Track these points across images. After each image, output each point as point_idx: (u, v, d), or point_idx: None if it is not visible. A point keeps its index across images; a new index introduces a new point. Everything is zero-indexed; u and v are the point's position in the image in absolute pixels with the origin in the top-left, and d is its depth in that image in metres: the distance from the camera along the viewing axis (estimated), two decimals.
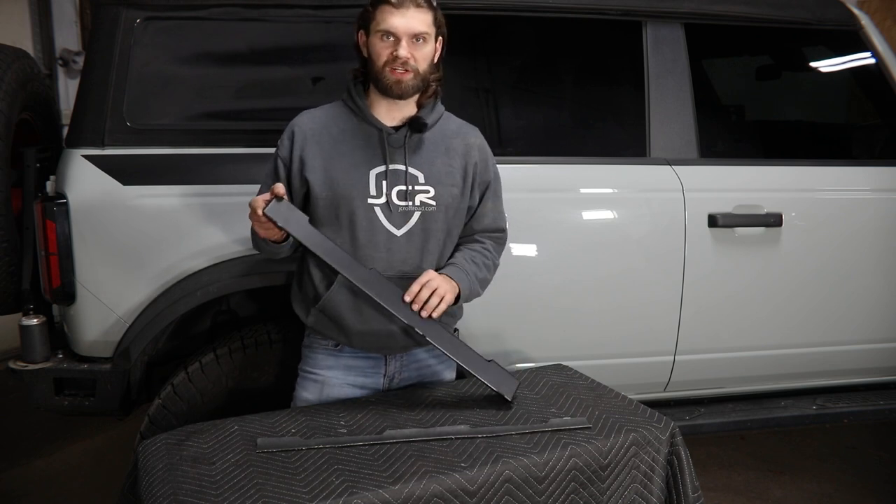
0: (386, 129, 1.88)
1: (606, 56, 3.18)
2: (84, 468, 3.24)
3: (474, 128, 2.01)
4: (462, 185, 1.92)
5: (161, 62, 2.24)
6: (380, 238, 1.85)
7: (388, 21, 1.78)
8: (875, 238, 2.67)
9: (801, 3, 2.71)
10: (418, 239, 1.87)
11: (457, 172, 1.91)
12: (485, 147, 1.99)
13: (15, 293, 2.35)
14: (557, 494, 1.62)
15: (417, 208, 1.87)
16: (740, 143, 3.69)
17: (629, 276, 2.48)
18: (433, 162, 1.90)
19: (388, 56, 1.80)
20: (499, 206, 2.03)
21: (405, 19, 1.78)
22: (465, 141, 1.95)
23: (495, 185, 2.01)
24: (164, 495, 1.48)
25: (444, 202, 1.89)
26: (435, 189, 1.88)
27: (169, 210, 2.18)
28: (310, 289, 1.92)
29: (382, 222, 1.85)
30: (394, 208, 1.85)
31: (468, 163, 1.93)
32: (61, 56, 5.31)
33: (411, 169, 1.87)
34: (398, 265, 1.86)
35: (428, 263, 1.89)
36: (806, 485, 3.18)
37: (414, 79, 1.82)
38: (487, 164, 1.99)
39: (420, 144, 1.90)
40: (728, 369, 2.67)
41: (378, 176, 1.86)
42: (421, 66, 1.83)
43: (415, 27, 1.79)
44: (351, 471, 1.54)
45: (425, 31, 1.81)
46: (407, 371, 1.99)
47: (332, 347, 1.94)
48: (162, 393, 2.19)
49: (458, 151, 1.93)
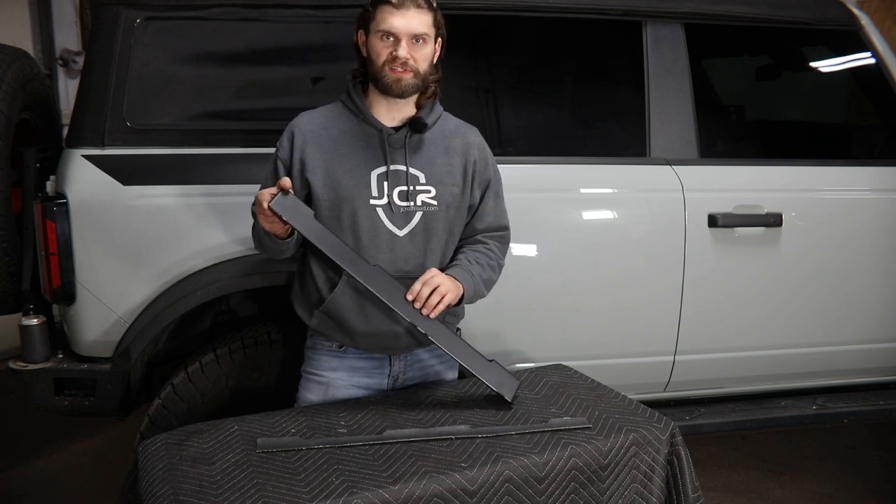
0: (386, 130, 1.88)
1: (606, 56, 3.18)
2: (84, 468, 3.24)
3: (473, 127, 2.01)
4: (462, 184, 1.92)
5: (161, 62, 2.24)
6: (382, 239, 1.85)
7: (389, 21, 1.79)
8: (875, 238, 2.67)
9: (801, 3, 2.71)
10: (421, 239, 1.88)
11: (457, 171, 1.92)
12: (484, 146, 2.00)
13: (15, 293, 2.35)
14: (557, 494, 1.62)
15: (419, 208, 1.87)
16: (740, 143, 3.69)
17: (629, 276, 2.48)
18: (434, 162, 1.90)
19: (387, 56, 1.80)
20: (500, 204, 2.03)
21: (405, 20, 1.78)
22: (465, 140, 1.96)
23: (496, 183, 2.01)
24: (164, 495, 1.48)
25: (446, 202, 1.89)
26: (436, 189, 1.88)
27: (169, 210, 2.18)
28: (313, 291, 1.92)
29: (385, 223, 1.85)
30: (395, 209, 1.86)
31: (468, 161, 1.94)
32: (61, 56, 5.31)
33: (412, 169, 1.88)
34: (401, 265, 1.86)
35: (431, 263, 1.89)
36: (806, 485, 3.18)
37: (414, 78, 1.82)
38: (487, 162, 1.99)
39: (420, 144, 1.90)
40: (728, 369, 2.67)
41: (379, 177, 1.86)
42: (421, 67, 1.83)
43: (415, 28, 1.79)
44: (351, 471, 1.54)
45: (425, 31, 1.81)
46: (411, 371, 1.99)
47: (336, 349, 1.95)
48: (162, 393, 2.19)
49: (458, 150, 1.93)
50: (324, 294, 1.89)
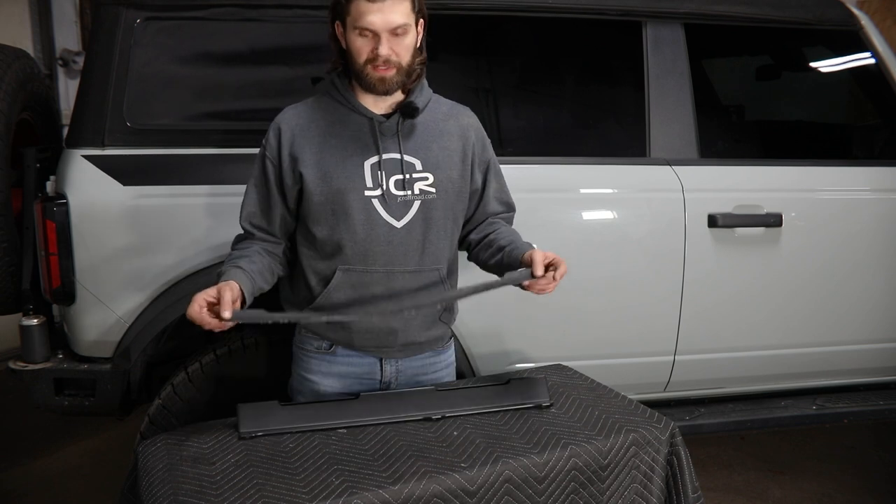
0: (376, 118, 1.80)
1: (606, 56, 3.18)
2: (84, 468, 3.24)
3: (466, 108, 1.94)
4: (461, 168, 1.86)
5: (161, 62, 2.24)
6: (379, 231, 1.79)
7: (365, 18, 1.68)
8: (875, 238, 2.67)
9: (801, 3, 2.71)
10: (419, 229, 1.82)
11: (455, 155, 1.85)
12: (479, 126, 1.93)
13: (15, 293, 2.35)
14: (557, 494, 1.62)
15: (417, 197, 1.80)
16: (740, 143, 3.70)
17: (629, 276, 2.48)
18: (429, 147, 1.83)
19: (368, 54, 1.72)
20: (502, 182, 1.98)
21: (382, 14, 1.68)
22: (459, 122, 1.89)
23: (494, 163, 1.96)
24: (164, 495, 1.47)
25: (444, 187, 1.83)
26: (434, 175, 1.82)
27: (169, 210, 2.18)
28: (303, 289, 1.88)
29: (381, 215, 1.79)
30: (391, 199, 1.79)
31: (466, 145, 1.87)
32: (61, 56, 5.31)
33: (407, 156, 1.80)
34: (399, 259, 1.81)
35: (429, 254, 1.84)
36: (806, 485, 3.18)
37: (398, 74, 1.74)
38: (485, 143, 1.93)
39: (413, 130, 1.83)
40: (728, 369, 2.68)
41: (373, 166, 1.78)
42: (404, 59, 1.74)
43: (394, 21, 1.69)
44: (351, 471, 1.54)
45: (405, 22, 1.71)
46: (403, 377, 1.93)
47: (325, 350, 1.90)
48: (162, 393, 2.19)
49: (454, 134, 1.87)
50: (316, 292, 1.84)
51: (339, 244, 1.80)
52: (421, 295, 1.84)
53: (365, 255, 1.80)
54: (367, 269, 1.81)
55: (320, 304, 1.83)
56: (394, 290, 1.83)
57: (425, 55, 1.84)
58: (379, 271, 1.82)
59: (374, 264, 1.81)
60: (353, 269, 1.81)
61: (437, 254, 1.86)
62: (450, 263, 1.92)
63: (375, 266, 1.81)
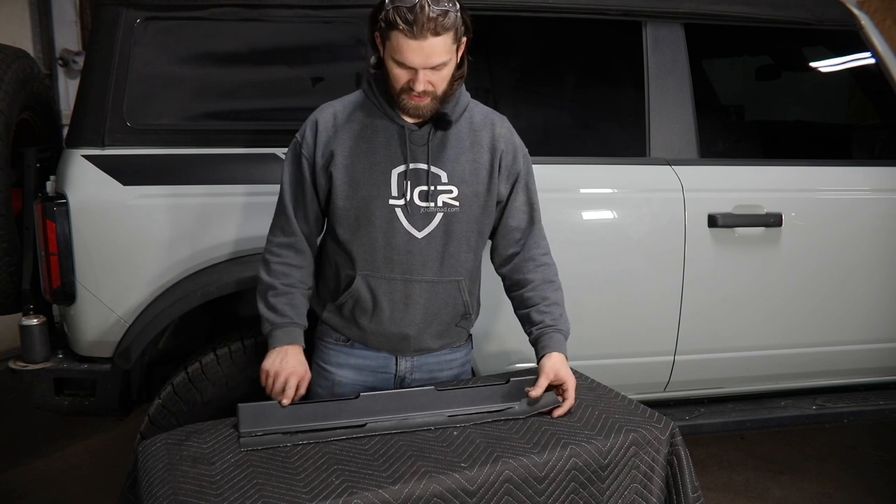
0: (408, 127, 1.79)
1: (606, 56, 3.18)
2: (84, 468, 3.24)
3: (502, 117, 1.90)
4: (488, 181, 1.84)
5: (161, 62, 2.24)
6: (399, 240, 1.79)
7: (404, 53, 1.64)
8: (875, 238, 2.67)
9: (801, 3, 2.71)
10: (439, 242, 1.81)
11: (483, 168, 1.83)
12: (511, 136, 1.88)
13: (15, 293, 2.35)
14: (557, 494, 1.62)
15: (440, 209, 1.80)
16: (740, 143, 3.70)
17: (629, 276, 2.48)
18: (458, 159, 1.81)
19: (405, 84, 1.70)
20: (532, 197, 1.92)
21: (423, 54, 1.64)
22: (492, 132, 1.85)
23: (526, 175, 1.90)
24: (164, 495, 1.48)
25: (469, 202, 1.81)
26: (458, 189, 1.80)
27: (169, 210, 2.18)
28: (331, 281, 1.90)
29: (403, 224, 1.79)
30: (414, 209, 1.79)
31: (494, 156, 1.84)
32: (61, 56, 5.31)
33: (434, 168, 1.79)
34: (418, 268, 1.81)
35: (449, 266, 1.83)
36: (806, 485, 3.18)
37: (433, 101, 1.72)
38: (516, 154, 1.88)
39: (444, 141, 1.80)
40: (728, 369, 2.68)
41: (399, 175, 1.78)
42: (440, 89, 1.72)
43: (433, 61, 1.65)
44: (351, 471, 1.54)
45: (445, 59, 1.67)
46: (418, 373, 1.95)
47: (344, 343, 1.93)
48: (162, 393, 2.19)
49: (485, 145, 1.84)
50: (340, 289, 1.86)
51: (360, 248, 1.82)
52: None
53: (384, 261, 1.81)
54: (386, 276, 1.83)
55: (342, 301, 1.86)
56: (411, 298, 1.85)
57: (465, 69, 1.80)
58: (397, 279, 1.83)
59: (392, 272, 1.82)
60: (372, 274, 1.83)
61: (457, 265, 1.85)
62: (471, 273, 1.92)
63: (393, 273, 1.82)
